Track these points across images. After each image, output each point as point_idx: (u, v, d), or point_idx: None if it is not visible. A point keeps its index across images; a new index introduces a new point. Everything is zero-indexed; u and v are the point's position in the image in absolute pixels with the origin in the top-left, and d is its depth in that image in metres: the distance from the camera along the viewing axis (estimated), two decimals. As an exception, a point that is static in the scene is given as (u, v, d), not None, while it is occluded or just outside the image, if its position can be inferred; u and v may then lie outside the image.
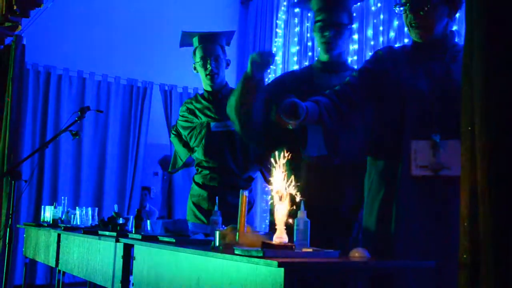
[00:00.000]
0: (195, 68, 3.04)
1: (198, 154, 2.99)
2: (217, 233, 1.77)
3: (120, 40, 6.63)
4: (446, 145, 1.79)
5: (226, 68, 3.07)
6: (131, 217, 2.66)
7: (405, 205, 1.80)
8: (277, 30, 7.19)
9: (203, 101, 3.06)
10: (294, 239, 1.70)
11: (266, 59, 2.28)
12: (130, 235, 2.38)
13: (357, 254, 1.63)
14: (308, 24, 6.79)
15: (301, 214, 1.73)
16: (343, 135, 1.86)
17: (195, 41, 3.02)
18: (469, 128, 1.23)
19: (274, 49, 2.85)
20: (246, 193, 1.82)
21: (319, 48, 2.46)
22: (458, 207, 1.74)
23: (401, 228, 1.79)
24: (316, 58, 2.54)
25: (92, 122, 6.42)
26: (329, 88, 2.02)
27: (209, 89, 3.03)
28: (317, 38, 2.43)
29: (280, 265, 1.38)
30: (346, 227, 2.19)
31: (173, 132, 3.18)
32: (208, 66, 2.95)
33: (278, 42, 7.29)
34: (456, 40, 2.00)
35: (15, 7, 3.81)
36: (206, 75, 2.98)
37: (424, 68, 1.91)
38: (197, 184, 3.01)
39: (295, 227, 1.72)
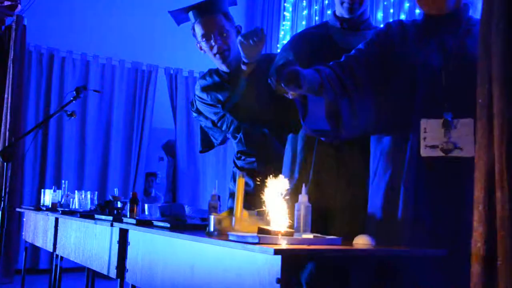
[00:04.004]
0: (200, 48, 2.52)
1: (238, 145, 2.55)
2: (212, 218, 1.67)
3: (125, 23, 6.52)
4: (458, 124, 1.66)
5: (238, 37, 2.37)
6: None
7: (413, 188, 1.68)
8: (285, 13, 7.04)
9: (224, 84, 2.50)
10: (294, 224, 1.60)
11: (254, 38, 2.08)
12: (125, 220, 2.28)
13: (361, 241, 1.51)
14: (316, 7, 6.63)
15: (303, 198, 1.62)
16: (346, 110, 1.73)
17: (191, 16, 2.48)
18: (486, 101, 1.11)
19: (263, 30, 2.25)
20: (244, 175, 1.71)
21: (338, 6, 2.15)
22: (471, 190, 1.62)
23: (409, 213, 1.67)
24: (333, 14, 2.21)
25: (96, 106, 6.34)
26: (351, 49, 1.87)
27: (226, 69, 2.50)
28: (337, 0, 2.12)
29: (276, 252, 1.28)
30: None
31: (194, 111, 2.67)
32: (213, 43, 2.43)
33: (286, 25, 7.14)
34: (470, 13, 1.86)
35: (12, -14, 3.70)
36: (215, 54, 2.45)
37: (436, 42, 1.78)
38: (241, 169, 2.55)
39: (295, 212, 1.61)
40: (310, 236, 1.48)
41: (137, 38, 6.54)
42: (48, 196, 3.89)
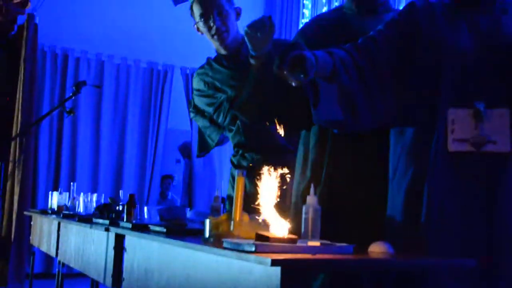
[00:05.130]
0: (198, 29, 2.42)
1: (236, 137, 2.44)
2: (207, 221, 1.47)
3: (141, 22, 6.40)
4: (492, 114, 1.43)
5: (237, 20, 2.40)
6: (129, 203, 2.38)
7: (440, 188, 1.45)
8: (304, 10, 6.84)
9: (221, 69, 2.43)
10: (302, 229, 1.39)
11: (262, 28, 1.84)
12: (122, 224, 2.10)
13: (377, 249, 1.30)
14: (336, 3, 6.41)
15: (312, 199, 1.42)
16: (362, 98, 1.51)
17: None
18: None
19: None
20: (243, 174, 1.51)
21: None
22: (508, 190, 1.39)
23: (434, 217, 1.44)
24: None
25: (111, 107, 6.23)
26: (368, 33, 1.64)
27: (223, 52, 2.43)
28: None
29: (274, 263, 1.07)
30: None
31: (192, 110, 2.58)
32: (212, 24, 2.34)
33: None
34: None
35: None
36: (212, 35, 2.37)
37: (468, 22, 1.55)
38: (239, 167, 2.43)
39: (303, 215, 1.41)
40: (316, 243, 1.27)
41: (152, 37, 6.40)
42: (55, 199, 3.75)
